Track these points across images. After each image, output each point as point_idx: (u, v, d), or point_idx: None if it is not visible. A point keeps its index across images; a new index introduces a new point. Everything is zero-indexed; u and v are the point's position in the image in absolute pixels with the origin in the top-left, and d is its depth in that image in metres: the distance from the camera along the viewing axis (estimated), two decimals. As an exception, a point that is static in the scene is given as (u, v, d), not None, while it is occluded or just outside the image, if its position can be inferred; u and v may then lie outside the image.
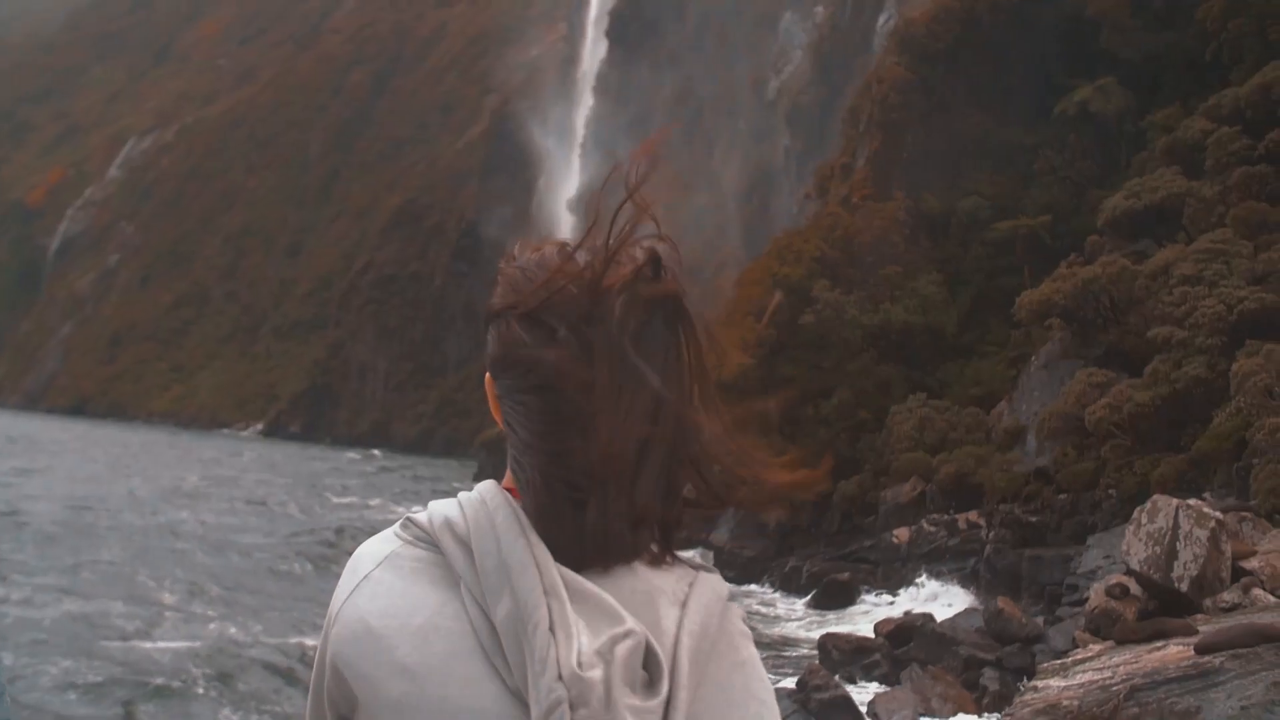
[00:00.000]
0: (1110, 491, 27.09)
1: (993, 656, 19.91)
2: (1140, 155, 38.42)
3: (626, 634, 1.35)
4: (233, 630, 24.29)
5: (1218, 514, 16.86)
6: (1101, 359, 30.94)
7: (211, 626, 24.62)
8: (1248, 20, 36.64)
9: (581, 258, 1.48)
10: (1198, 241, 29.94)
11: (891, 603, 28.85)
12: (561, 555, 1.40)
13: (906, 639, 22.22)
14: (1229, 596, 15.32)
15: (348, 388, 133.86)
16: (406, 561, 1.46)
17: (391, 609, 1.42)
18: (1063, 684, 8.42)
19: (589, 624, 1.35)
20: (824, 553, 34.24)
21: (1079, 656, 10.34)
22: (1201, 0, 39.03)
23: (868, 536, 33.47)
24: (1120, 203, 34.12)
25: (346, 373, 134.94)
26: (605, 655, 1.32)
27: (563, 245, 1.53)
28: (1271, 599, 14.90)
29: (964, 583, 28.90)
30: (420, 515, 1.50)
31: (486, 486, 1.49)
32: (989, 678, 19.00)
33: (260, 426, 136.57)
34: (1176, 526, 16.07)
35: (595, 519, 1.40)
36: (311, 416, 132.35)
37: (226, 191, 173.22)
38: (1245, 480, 22.15)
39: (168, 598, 27.12)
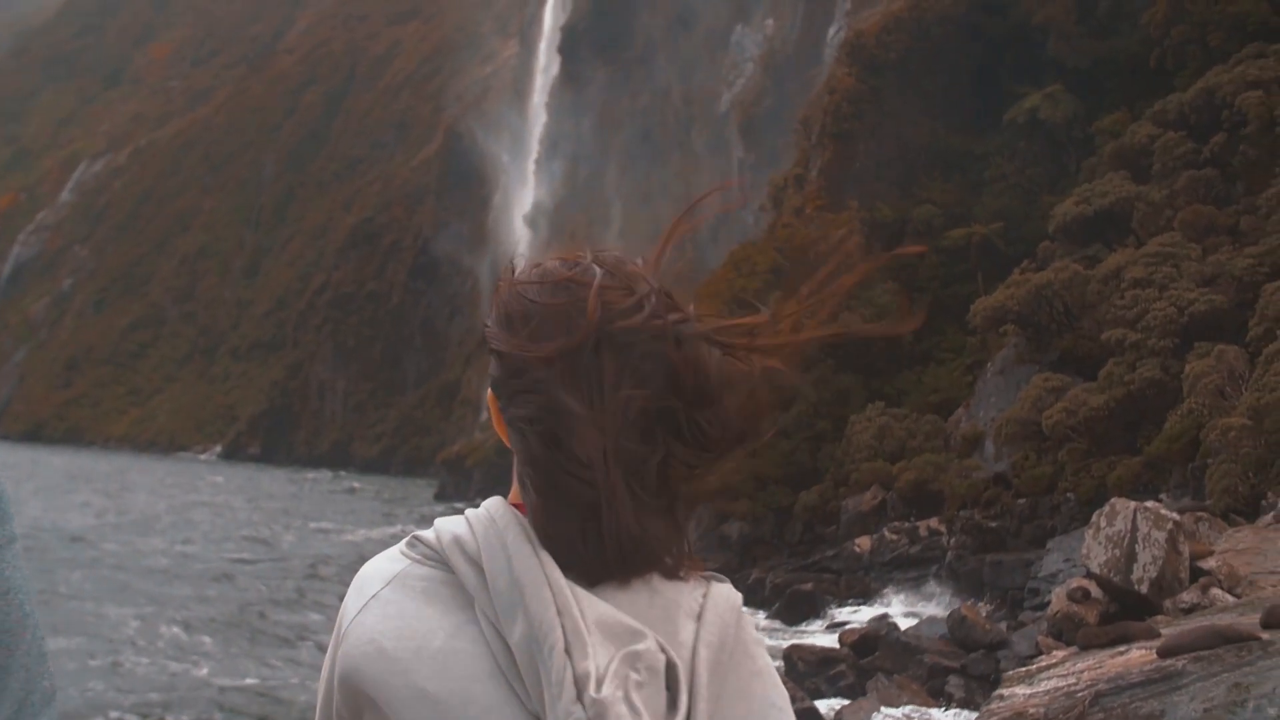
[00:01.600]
0: (1068, 495, 27.33)
1: (957, 664, 20.00)
2: (1089, 161, 38.84)
3: (644, 653, 1.34)
4: (203, 671, 23.86)
5: (1175, 515, 17.07)
6: (1056, 363, 31.23)
7: (178, 666, 24.18)
8: (1189, 27, 37.17)
9: (582, 277, 1.47)
10: (1147, 245, 30.29)
11: (855, 611, 28.95)
12: (574, 571, 1.39)
13: (871, 648, 22.30)
14: (1188, 597, 15.51)
15: (307, 408, 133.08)
16: (416, 581, 1.44)
17: (406, 631, 1.40)
18: (1028, 691, 8.51)
19: (605, 643, 1.34)
20: (786, 563, 34.30)
21: (1043, 663, 10.45)
22: (1144, 7, 39.54)
23: (830, 546, 33.56)
24: (1070, 208, 34.48)
25: (305, 393, 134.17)
26: (623, 676, 1.31)
27: (564, 262, 1.51)
28: (1230, 598, 15.09)
29: (927, 590, 29.04)
30: (427, 533, 1.48)
31: (494, 504, 1.48)
32: (954, 685, 19.09)
33: (219, 449, 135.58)
34: (1135, 529, 16.26)
35: (604, 535, 1.39)
36: (271, 438, 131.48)
37: (181, 213, 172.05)
38: (1200, 480, 22.42)
39: (129, 634, 26.61)
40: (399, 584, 1.44)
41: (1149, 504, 17.51)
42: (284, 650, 26.46)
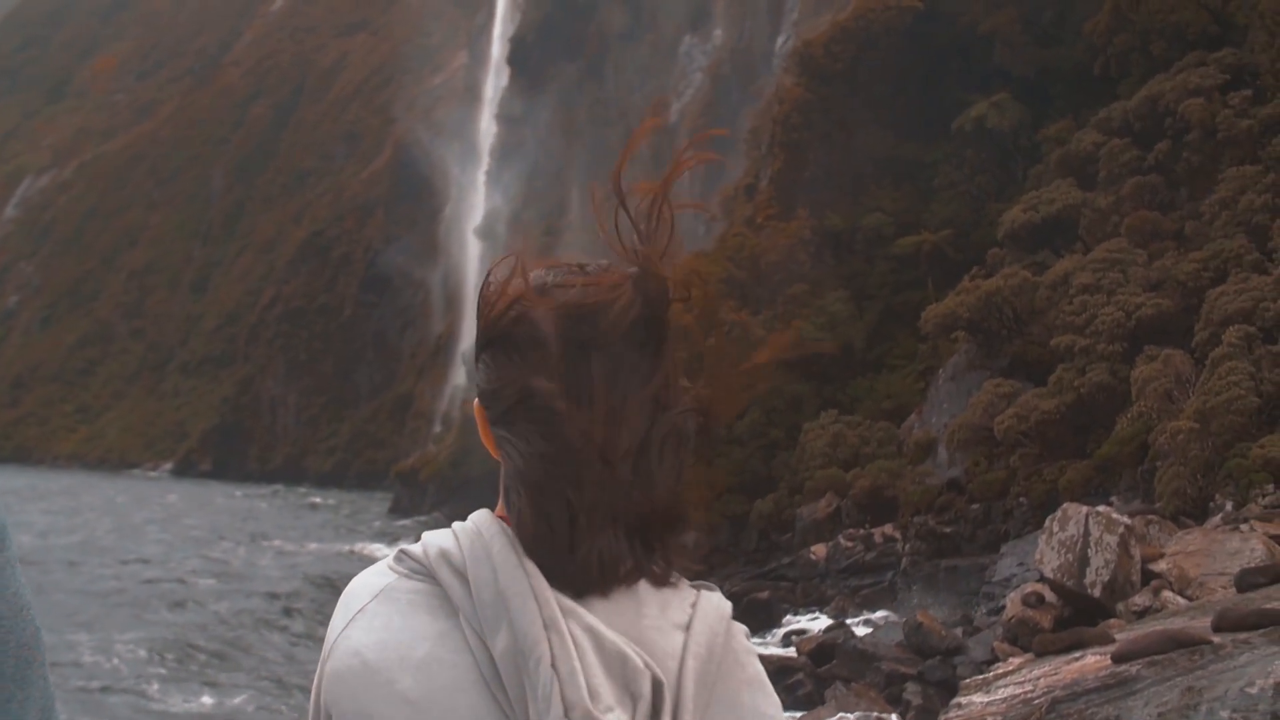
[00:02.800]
0: (1021, 499, 27.57)
1: (914, 670, 20.12)
2: (1036, 168, 39.20)
3: (631, 668, 1.35)
4: (155, 695, 23.55)
5: (1126, 519, 17.30)
6: (1007, 369, 31.51)
7: (130, 691, 23.80)
8: (1131, 36, 37.60)
9: (573, 280, 1.48)
10: (1094, 251, 30.63)
11: (813, 619, 29.05)
12: (561, 582, 1.39)
13: (828, 657, 22.39)
14: (1140, 600, 15.72)
15: (259, 423, 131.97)
16: (403, 594, 1.44)
17: (390, 642, 1.41)
18: (985, 699, 8.60)
19: (592, 658, 1.34)
20: (743, 572, 34.36)
21: (1000, 670, 10.56)
22: (1088, 16, 39.98)
23: (785, 554, 33.67)
24: (1018, 215, 34.80)
25: (257, 408, 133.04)
26: (609, 691, 1.33)
27: (550, 270, 1.52)
28: (1181, 600, 15.30)
29: (883, 596, 29.19)
30: (414, 547, 1.47)
31: (481, 516, 1.47)
32: (912, 692, 19.20)
33: (170, 466, 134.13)
34: (1087, 534, 16.47)
35: (591, 545, 1.39)
36: (222, 454, 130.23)
37: (128, 228, 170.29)
38: (1150, 483, 22.68)
39: (79, 658, 26.13)
40: (385, 597, 1.45)
41: (1100, 508, 17.73)
42: (238, 674, 26.24)
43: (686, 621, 1.44)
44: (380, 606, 1.44)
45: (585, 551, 1.40)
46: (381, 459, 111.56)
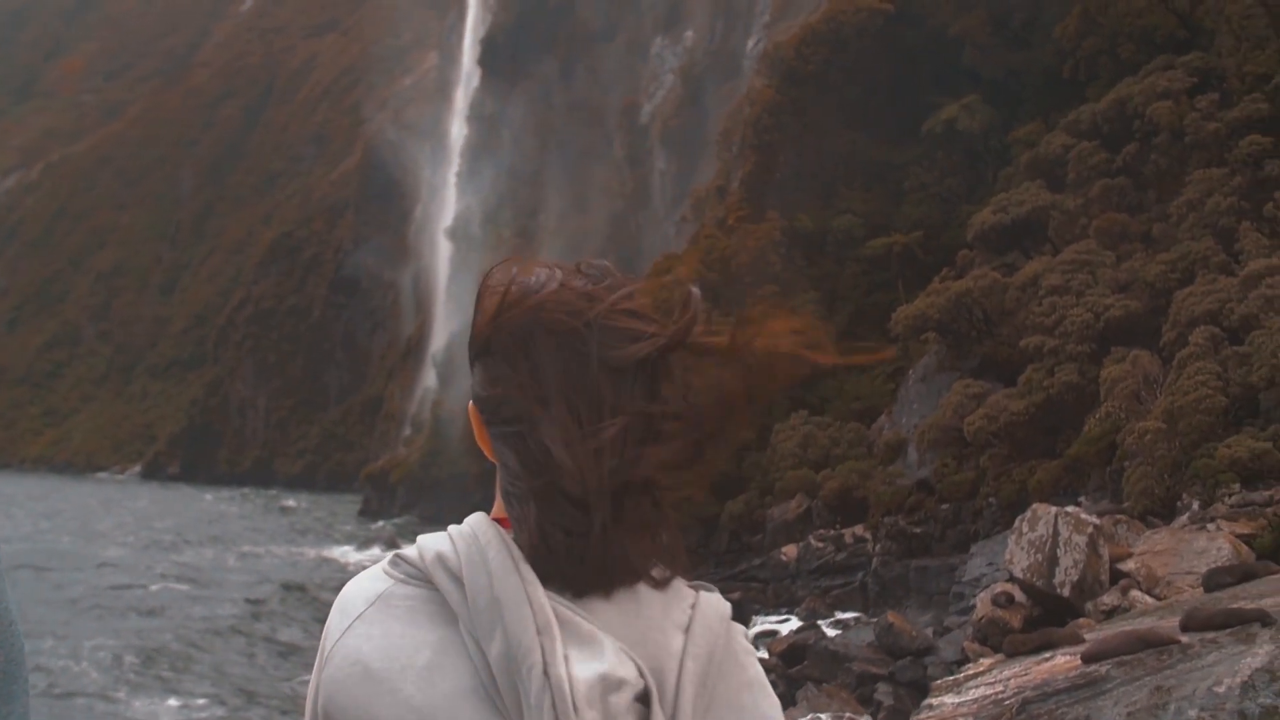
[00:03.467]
0: (990, 500, 27.68)
1: (885, 671, 20.18)
2: (1005, 170, 39.37)
3: (625, 675, 1.34)
4: (124, 702, 23.36)
5: (1094, 519, 17.39)
6: (976, 370, 31.64)
7: (100, 699, 23.59)
8: (1100, 39, 37.85)
9: (573, 282, 1.47)
10: (1063, 253, 30.79)
11: (784, 620, 29.09)
12: (561, 584, 1.39)
13: (800, 657, 22.43)
14: (1109, 599, 15.81)
15: (228, 426, 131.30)
16: (400, 600, 1.44)
17: (391, 649, 1.40)
18: (956, 700, 8.62)
19: (586, 664, 1.33)
20: (713, 573, 34.34)
21: (971, 671, 10.59)
22: (1057, 20, 40.20)
23: (756, 555, 33.71)
24: (988, 217, 34.94)
25: (226, 410, 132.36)
26: (602, 697, 1.32)
27: (550, 272, 1.50)
28: (1149, 599, 15.39)
29: (853, 597, 29.26)
30: (410, 551, 1.46)
31: (477, 520, 1.46)
32: (883, 693, 19.25)
33: (138, 469, 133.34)
34: (1056, 534, 16.54)
35: (591, 548, 1.38)
36: (191, 456, 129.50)
37: (96, 230, 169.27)
38: (1118, 483, 22.80)
39: (46, 663, 25.86)
40: (383, 604, 1.44)
41: (1069, 509, 17.83)
42: (204, 681, 26.05)
43: (686, 623, 1.44)
44: (378, 613, 1.44)
45: (584, 555, 1.39)
46: (351, 461, 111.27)
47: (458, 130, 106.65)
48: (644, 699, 1.35)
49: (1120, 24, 37.10)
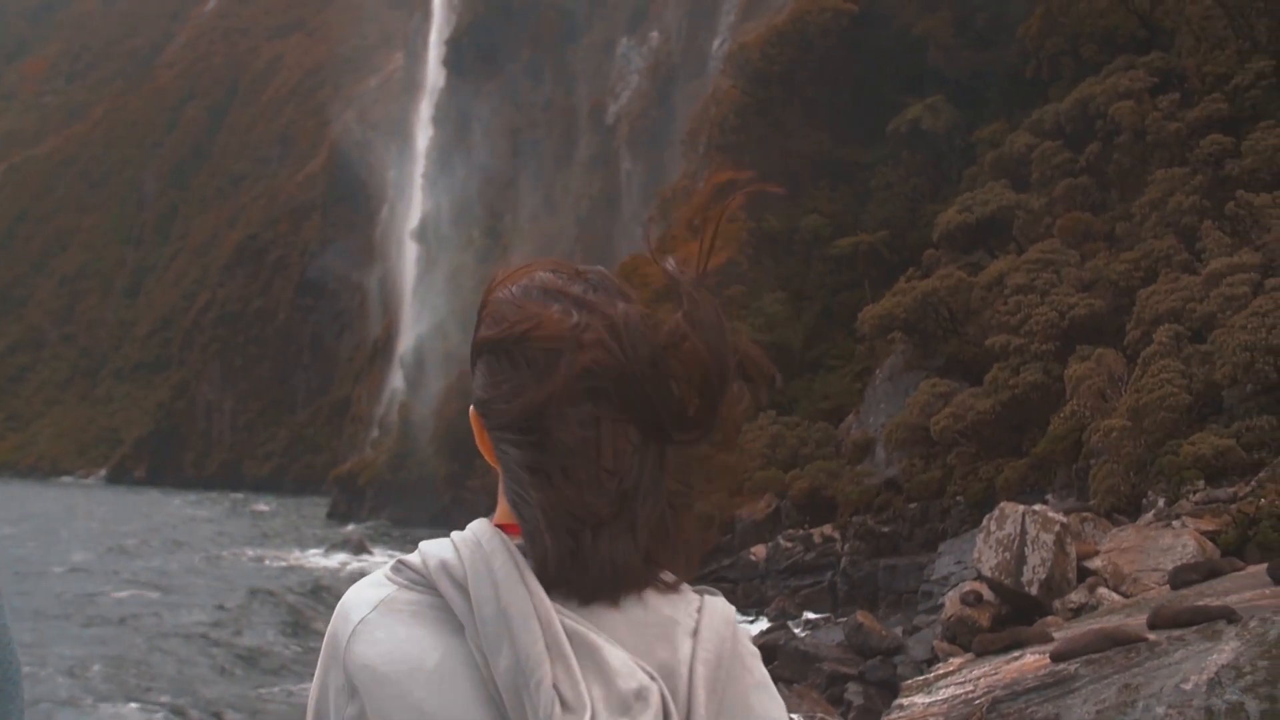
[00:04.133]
0: (958, 498, 27.84)
1: (855, 670, 20.23)
2: (970, 170, 39.61)
3: (637, 686, 1.34)
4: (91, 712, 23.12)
5: (1061, 517, 17.52)
6: (943, 369, 31.82)
7: (67, 710, 23.34)
8: (1063, 39, 38.14)
9: (574, 287, 1.47)
10: (1028, 252, 30.99)
11: (753, 621, 29.12)
12: (567, 592, 1.39)
13: (770, 658, 22.45)
14: (1076, 597, 15.93)
15: (194, 429, 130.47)
16: (404, 606, 1.42)
17: (399, 654, 1.39)
18: (927, 700, 8.68)
19: (595, 677, 1.33)
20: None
21: (940, 671, 10.66)
22: (1020, 20, 40.47)
23: (725, 555, 33.72)
24: (953, 217, 35.13)
25: (192, 413, 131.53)
26: (613, 711, 1.32)
27: (558, 274, 1.50)
28: (1116, 597, 15.51)
29: (822, 596, 29.32)
30: (413, 558, 1.45)
31: (480, 527, 1.45)
32: (853, 692, 19.30)
33: (104, 473, 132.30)
34: (1024, 532, 16.66)
35: (599, 554, 1.38)
36: (157, 460, 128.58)
37: (59, 232, 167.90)
38: (1084, 480, 22.99)
39: (26, 672, 25.52)
40: (386, 609, 1.42)
41: (1037, 507, 17.95)
42: (168, 689, 25.85)
43: (694, 627, 1.44)
44: (382, 618, 1.42)
45: (591, 561, 1.39)
46: (319, 464, 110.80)
47: (424, 131, 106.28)
48: (664, 710, 1.36)
49: (1082, 24, 37.39)
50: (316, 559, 54.65)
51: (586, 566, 1.39)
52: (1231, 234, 26.08)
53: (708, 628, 1.45)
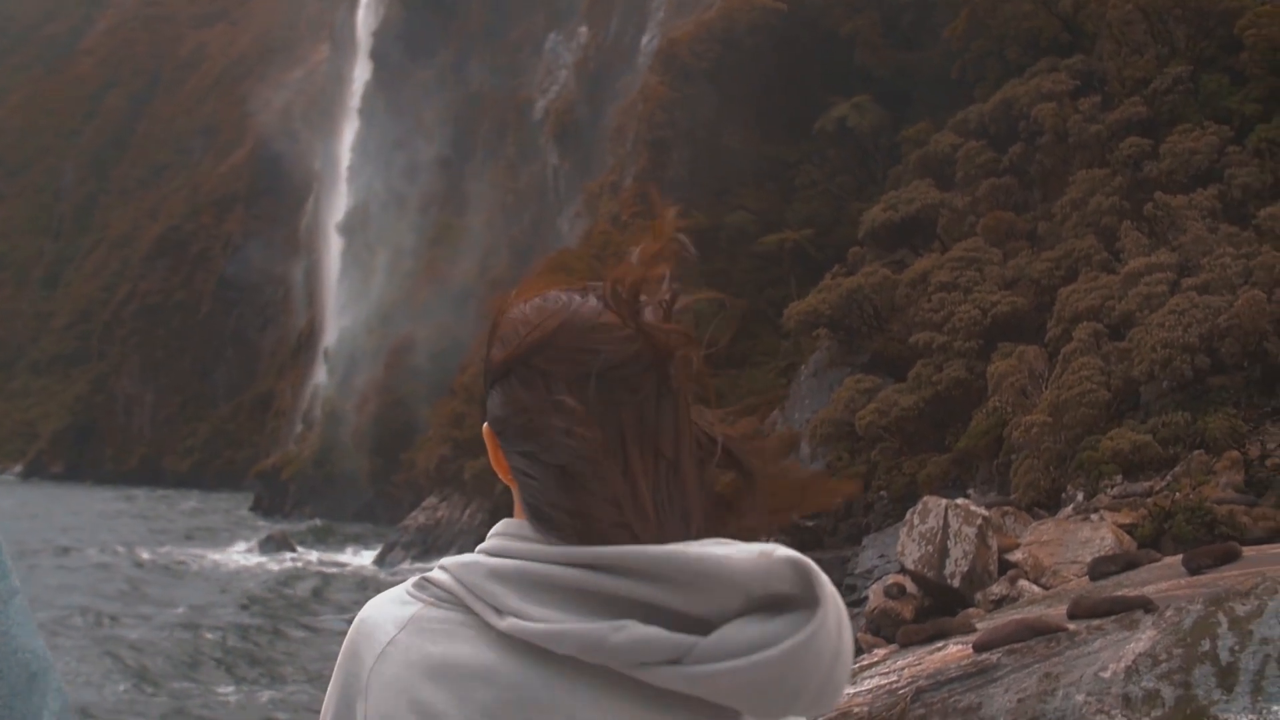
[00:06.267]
0: (881, 493, 28.11)
1: (780, 662, 20.30)
2: (895, 169, 40.00)
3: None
4: None
5: (983, 511, 17.78)
6: (868, 365, 32.10)
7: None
8: (988, 41, 38.65)
9: (586, 307, 1.46)
10: (952, 250, 31.38)
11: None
12: None
13: (696, 650, 22.52)
14: (998, 589, 16.18)
15: (113, 423, 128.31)
16: (434, 624, 1.38)
17: (434, 672, 1.35)
18: (851, 690, 8.79)
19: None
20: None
21: (865, 662, 10.79)
22: (946, 22, 40.92)
23: (652, 550, 33.76)
24: (879, 214, 35.47)
25: (111, 408, 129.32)
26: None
27: (565, 290, 1.49)
28: (1036, 589, 15.78)
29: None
30: (438, 575, 1.41)
31: (515, 525, 1.43)
32: (778, 683, 19.37)
33: (19, 468, 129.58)
34: (947, 525, 16.88)
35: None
36: (75, 455, 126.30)
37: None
38: (1005, 475, 23.33)
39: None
40: (415, 628, 1.38)
41: (959, 500, 18.20)
42: (86, 694, 25.44)
43: None
44: (411, 638, 1.38)
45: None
46: (241, 459, 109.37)
47: (350, 123, 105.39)
48: None
49: (1007, 27, 37.90)
50: (239, 555, 53.98)
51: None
52: (1149, 234, 26.59)
53: None
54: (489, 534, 1.45)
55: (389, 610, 1.42)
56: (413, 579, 1.45)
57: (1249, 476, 18.83)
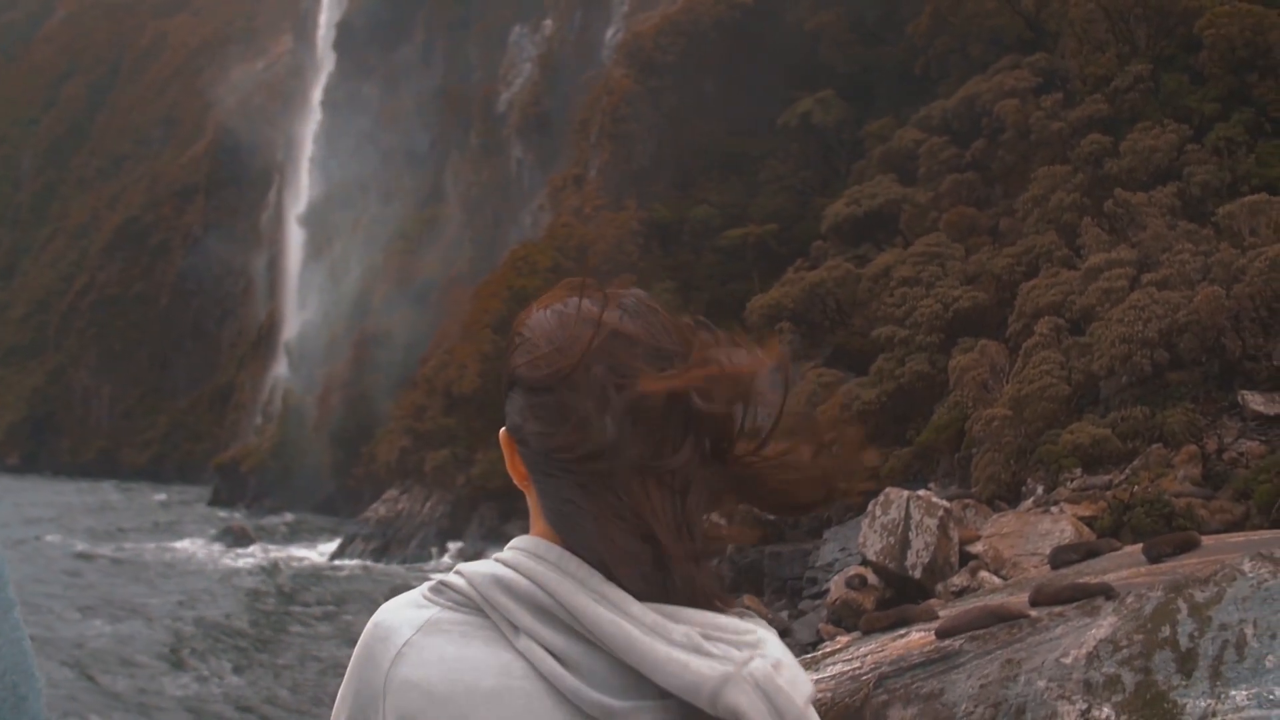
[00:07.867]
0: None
1: (742, 653, 20.34)
2: (859, 164, 40.14)
3: (752, 641, 1.37)
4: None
5: (945, 503, 17.89)
6: (830, 359, 32.22)
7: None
8: (951, 38, 38.86)
9: (611, 314, 1.47)
10: (914, 245, 31.56)
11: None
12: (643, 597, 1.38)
13: (657, 642, 22.53)
14: (958, 580, 16.28)
15: (70, 415, 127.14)
16: (451, 626, 1.39)
17: (452, 674, 1.35)
18: (815, 677, 8.81)
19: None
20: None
21: (828, 649, 10.82)
22: (910, 18, 41.11)
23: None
24: (841, 209, 35.61)
25: (69, 400, 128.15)
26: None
27: (590, 295, 1.49)
28: (997, 579, 15.88)
29: (709, 583, 29.42)
30: (455, 579, 1.41)
31: (531, 542, 1.44)
32: (740, 674, 19.40)
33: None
34: (908, 517, 16.97)
35: (671, 578, 1.39)
36: (31, 447, 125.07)
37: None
38: (966, 468, 23.47)
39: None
40: (431, 629, 1.39)
41: (921, 492, 18.29)
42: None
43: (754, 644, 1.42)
44: (428, 640, 1.38)
45: (660, 584, 1.39)
46: (200, 451, 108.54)
47: (313, 115, 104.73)
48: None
49: (970, 24, 38.11)
50: (198, 547, 53.59)
51: (654, 590, 1.39)
52: (1109, 231, 26.79)
53: (773, 650, 1.42)
54: (508, 545, 1.46)
55: (405, 614, 1.42)
56: (428, 584, 1.45)
57: (1206, 470, 19.00)
